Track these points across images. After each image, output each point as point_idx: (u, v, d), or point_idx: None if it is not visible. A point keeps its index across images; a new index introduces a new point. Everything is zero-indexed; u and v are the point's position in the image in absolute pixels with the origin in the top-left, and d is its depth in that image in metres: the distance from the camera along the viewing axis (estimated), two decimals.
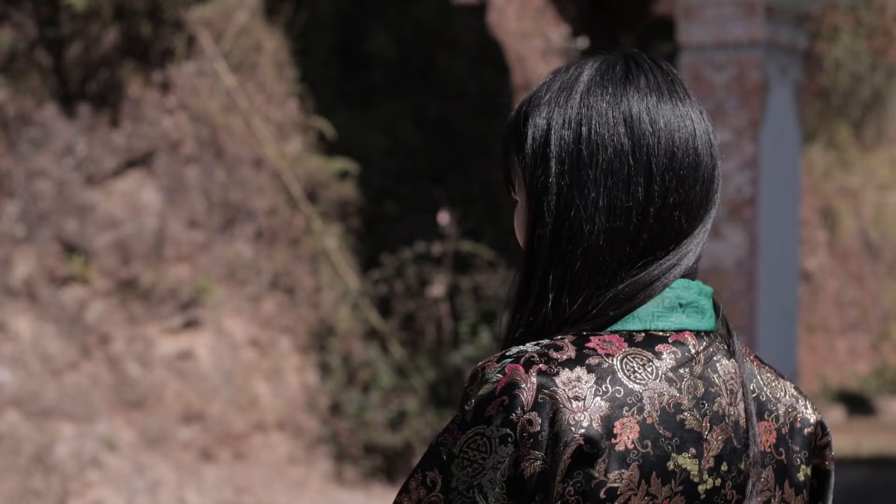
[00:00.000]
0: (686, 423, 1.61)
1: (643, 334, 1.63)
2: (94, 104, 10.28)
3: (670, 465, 1.59)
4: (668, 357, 1.62)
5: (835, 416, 14.79)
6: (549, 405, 1.55)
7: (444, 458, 1.57)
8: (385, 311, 11.07)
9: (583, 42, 13.99)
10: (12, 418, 9.29)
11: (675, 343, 1.63)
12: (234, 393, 10.21)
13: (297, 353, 10.74)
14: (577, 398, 1.56)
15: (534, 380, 1.56)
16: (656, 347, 1.62)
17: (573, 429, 1.55)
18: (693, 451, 1.61)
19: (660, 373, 1.61)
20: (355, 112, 11.87)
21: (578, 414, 1.55)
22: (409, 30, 12.55)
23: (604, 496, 1.55)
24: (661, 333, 1.64)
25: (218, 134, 10.77)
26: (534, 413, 1.55)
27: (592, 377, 1.57)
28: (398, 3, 12.61)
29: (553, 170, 1.66)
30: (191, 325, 10.20)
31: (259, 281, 10.66)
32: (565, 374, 1.57)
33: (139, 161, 10.36)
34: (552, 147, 1.66)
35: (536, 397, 1.55)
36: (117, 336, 9.90)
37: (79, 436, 9.37)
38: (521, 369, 1.57)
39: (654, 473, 1.58)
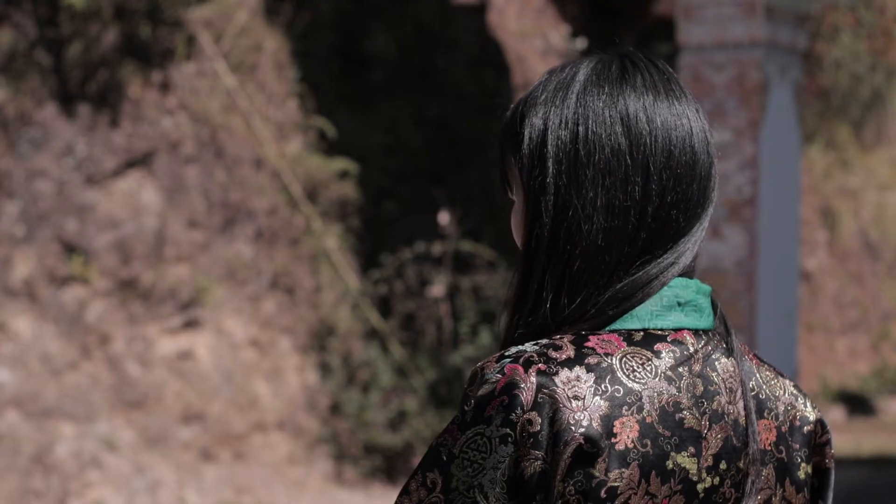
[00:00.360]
0: (685, 421, 1.61)
1: (642, 333, 1.63)
2: (94, 104, 10.28)
3: (669, 464, 1.59)
4: (666, 356, 1.62)
5: (835, 416, 14.79)
6: (549, 405, 1.55)
7: (444, 458, 1.57)
8: (385, 311, 11.07)
9: (582, 42, 13.99)
10: (12, 418, 9.29)
11: (673, 342, 1.63)
12: (234, 393, 10.20)
13: (297, 353, 10.74)
14: (576, 397, 1.56)
15: (533, 379, 1.56)
16: (655, 346, 1.62)
17: (573, 428, 1.54)
18: (692, 449, 1.61)
19: (659, 372, 1.61)
20: (355, 112, 11.87)
21: (578, 413, 1.55)
22: (409, 30, 12.55)
23: (604, 495, 1.55)
24: (659, 332, 1.64)
25: (218, 134, 10.76)
26: (533, 413, 1.55)
27: (592, 376, 1.57)
28: (398, 3, 12.60)
29: (550, 170, 1.65)
30: (191, 325, 10.20)
31: (259, 281, 10.66)
32: (564, 373, 1.57)
33: (139, 161, 10.36)
34: (549, 147, 1.66)
35: (536, 397, 1.55)
36: (117, 336, 9.90)
37: (79, 436, 9.37)
38: (521, 369, 1.57)
39: (653, 472, 1.58)
